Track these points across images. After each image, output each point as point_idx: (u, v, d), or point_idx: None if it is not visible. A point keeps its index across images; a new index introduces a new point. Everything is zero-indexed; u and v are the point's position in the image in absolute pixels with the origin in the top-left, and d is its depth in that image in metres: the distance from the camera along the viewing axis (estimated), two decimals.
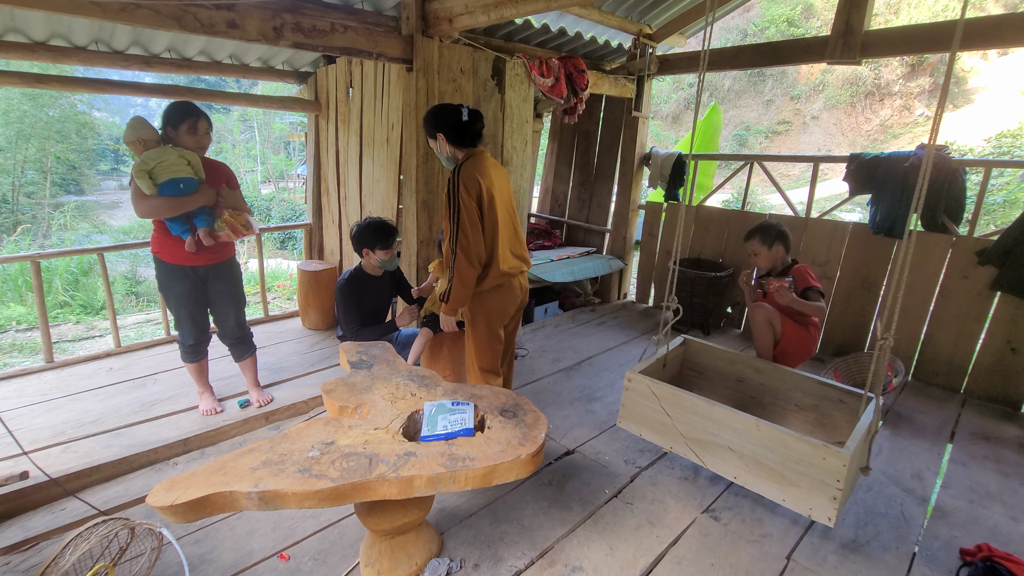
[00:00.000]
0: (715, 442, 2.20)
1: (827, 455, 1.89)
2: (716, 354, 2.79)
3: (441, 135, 2.30)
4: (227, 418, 2.88)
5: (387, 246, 2.83)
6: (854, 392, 2.39)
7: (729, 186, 12.42)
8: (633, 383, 2.42)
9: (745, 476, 2.15)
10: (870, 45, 3.37)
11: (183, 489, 1.47)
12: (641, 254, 5.31)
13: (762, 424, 2.04)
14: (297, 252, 12.35)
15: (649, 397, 2.37)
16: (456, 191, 2.23)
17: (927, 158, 1.68)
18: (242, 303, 2.92)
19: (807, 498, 1.98)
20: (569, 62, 3.96)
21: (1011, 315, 3.32)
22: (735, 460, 2.16)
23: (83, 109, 16.79)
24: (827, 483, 1.91)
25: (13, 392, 3.13)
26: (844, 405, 2.43)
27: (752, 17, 19.16)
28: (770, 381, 2.66)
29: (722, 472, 2.22)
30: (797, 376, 2.57)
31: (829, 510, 1.93)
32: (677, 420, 2.30)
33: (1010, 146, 11.09)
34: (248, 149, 21.20)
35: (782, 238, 2.72)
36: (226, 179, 2.77)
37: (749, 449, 2.10)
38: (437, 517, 2.22)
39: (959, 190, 3.45)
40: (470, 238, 2.25)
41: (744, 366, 2.72)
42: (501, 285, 2.44)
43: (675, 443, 2.35)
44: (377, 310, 3.11)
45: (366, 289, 3.00)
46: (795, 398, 2.59)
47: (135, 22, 2.24)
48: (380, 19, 3.03)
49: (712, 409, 2.18)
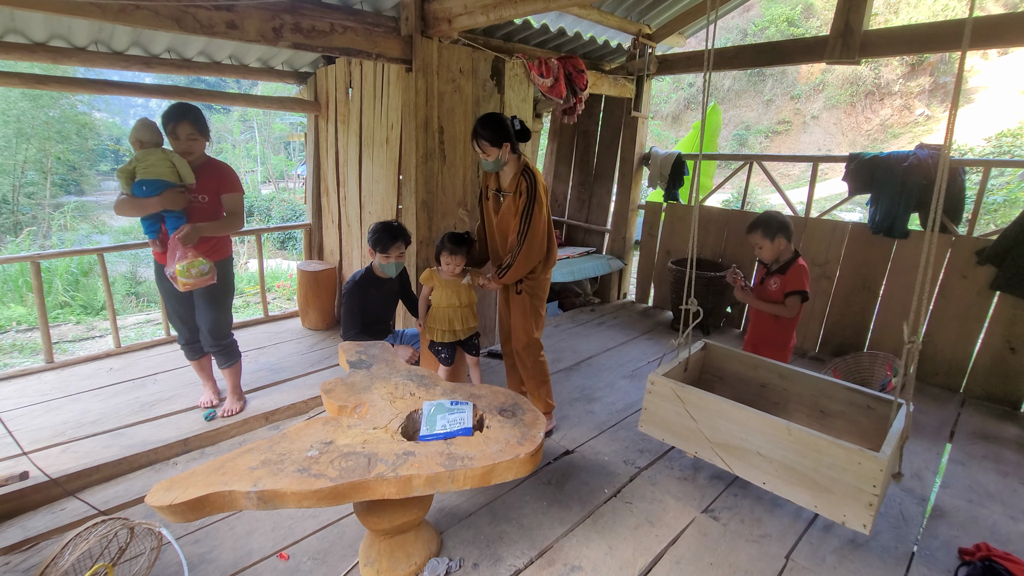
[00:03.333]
0: (743, 447, 2.12)
1: (863, 460, 1.82)
2: (738, 359, 2.71)
3: (507, 144, 2.50)
4: (225, 419, 2.88)
5: (384, 250, 2.79)
6: (883, 398, 2.32)
7: (729, 186, 12.42)
8: (656, 386, 2.34)
9: (775, 482, 2.06)
10: (869, 45, 3.37)
11: (182, 489, 1.48)
12: (641, 254, 5.31)
13: (794, 428, 1.97)
14: (297, 252, 12.35)
15: (673, 400, 2.29)
16: (535, 188, 2.51)
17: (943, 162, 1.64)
18: (222, 311, 2.80)
19: (841, 505, 1.90)
20: (568, 62, 3.96)
21: (1010, 315, 3.32)
22: (764, 465, 2.07)
23: (83, 110, 16.79)
24: (863, 489, 1.83)
25: (13, 392, 3.13)
26: (872, 411, 2.35)
27: (752, 17, 19.15)
28: (794, 387, 2.58)
29: (750, 478, 2.14)
30: (823, 382, 2.49)
31: (864, 517, 1.85)
32: (703, 424, 2.22)
33: (1010, 145, 11.08)
34: (248, 149, 21.21)
35: (784, 230, 2.74)
36: (218, 184, 2.67)
37: (779, 454, 2.02)
38: (436, 516, 2.23)
39: (959, 189, 3.45)
40: (541, 230, 2.56)
41: (767, 371, 2.64)
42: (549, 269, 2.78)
43: (700, 448, 2.27)
44: (382, 315, 3.06)
45: (373, 292, 2.94)
46: (821, 404, 2.50)
47: (135, 23, 2.24)
48: (379, 19, 3.03)
49: (741, 413, 2.10)
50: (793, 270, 2.76)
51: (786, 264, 2.78)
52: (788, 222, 2.78)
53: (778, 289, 2.79)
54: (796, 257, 2.79)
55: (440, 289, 2.77)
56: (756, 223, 2.79)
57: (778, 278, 2.80)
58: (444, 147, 3.37)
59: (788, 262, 2.78)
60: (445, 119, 3.33)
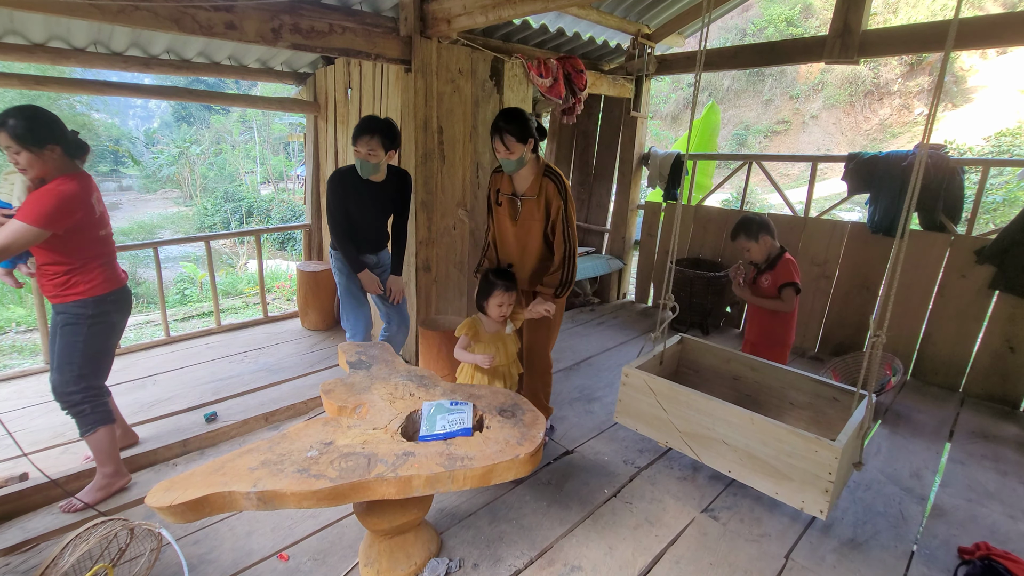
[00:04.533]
0: (710, 436, 2.21)
1: (819, 448, 1.91)
2: (713, 352, 2.81)
3: (532, 140, 2.35)
4: (225, 419, 2.88)
5: (353, 142, 2.52)
6: (848, 390, 2.41)
7: (728, 186, 12.41)
8: (630, 378, 2.43)
9: (739, 470, 2.16)
10: (868, 45, 3.38)
11: (182, 489, 1.48)
12: (640, 254, 5.31)
13: (756, 418, 2.06)
14: (296, 253, 12.36)
15: (645, 392, 2.38)
16: (565, 188, 2.40)
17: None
18: (61, 362, 2.18)
19: (800, 491, 1.99)
20: (567, 62, 3.96)
21: (1009, 314, 3.32)
22: (730, 454, 2.17)
23: (82, 110, 16.81)
24: (819, 476, 1.93)
25: (13, 393, 3.13)
26: (838, 403, 2.45)
27: (751, 17, 19.16)
28: (765, 379, 2.67)
29: (717, 466, 2.23)
30: (792, 374, 2.58)
31: (821, 503, 1.94)
32: (673, 414, 2.31)
33: (1009, 145, 11.09)
34: (247, 150, 21.21)
35: (765, 228, 2.83)
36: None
37: (743, 443, 2.11)
38: (436, 517, 2.23)
39: (957, 189, 3.46)
40: (575, 232, 2.47)
41: (740, 364, 2.73)
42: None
43: (671, 438, 2.36)
44: (371, 222, 2.82)
45: (355, 194, 2.70)
46: (790, 396, 2.60)
47: (133, 24, 2.24)
48: (378, 20, 3.03)
49: (707, 403, 2.19)
50: (781, 264, 2.83)
51: (774, 260, 2.86)
52: (767, 220, 2.87)
53: (770, 285, 2.85)
54: (782, 252, 2.87)
55: (483, 346, 2.38)
56: (737, 229, 2.89)
57: (768, 275, 2.87)
58: (443, 147, 3.37)
59: (776, 257, 2.86)
60: (444, 119, 3.33)
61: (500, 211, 2.55)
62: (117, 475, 2.35)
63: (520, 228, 2.50)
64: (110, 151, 20.90)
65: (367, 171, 2.66)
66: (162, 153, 20.67)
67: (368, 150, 2.58)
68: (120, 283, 2.32)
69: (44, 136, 1.99)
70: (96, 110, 19.83)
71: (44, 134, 1.99)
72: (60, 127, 2.05)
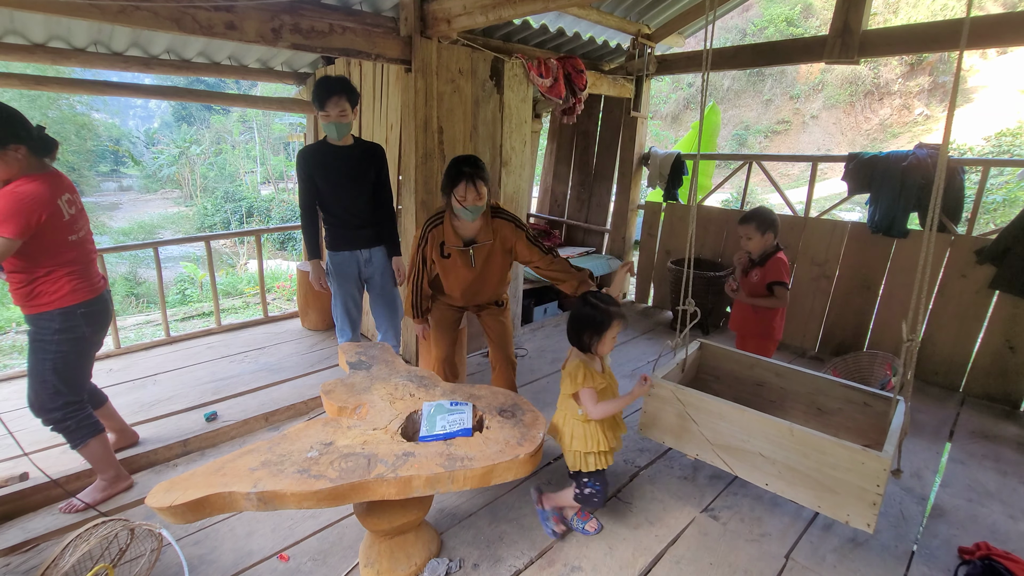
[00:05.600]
0: (745, 448, 2.10)
1: (867, 459, 1.82)
2: (734, 358, 2.71)
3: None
4: (225, 419, 2.88)
5: (321, 106, 2.45)
6: (880, 394, 2.32)
7: (728, 185, 12.40)
8: (656, 389, 2.32)
9: (777, 483, 2.05)
10: (868, 45, 3.37)
11: (182, 490, 1.48)
12: (640, 254, 5.31)
13: (796, 429, 1.96)
14: (296, 253, 12.37)
15: (673, 403, 2.27)
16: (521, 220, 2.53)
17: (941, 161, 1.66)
18: (33, 380, 2.12)
19: (844, 504, 1.91)
20: (568, 62, 3.96)
21: (1010, 314, 3.32)
22: (767, 467, 2.06)
23: (82, 110, 16.81)
24: (867, 488, 1.84)
25: (13, 393, 3.14)
26: (869, 408, 2.36)
27: (751, 17, 19.16)
28: (791, 385, 2.57)
29: (753, 479, 2.13)
30: (820, 379, 2.49)
31: (868, 516, 1.85)
32: (704, 426, 2.20)
33: (1009, 145, 11.09)
34: (248, 150, 21.21)
35: (774, 226, 2.87)
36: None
37: (782, 455, 2.01)
38: (436, 517, 2.23)
39: (958, 189, 3.45)
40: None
41: (764, 370, 2.64)
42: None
43: (702, 450, 2.25)
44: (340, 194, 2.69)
45: (321, 163, 2.63)
46: (818, 401, 2.50)
47: (134, 24, 2.24)
48: (378, 20, 3.03)
49: (742, 415, 2.08)
50: (772, 262, 2.86)
51: (766, 256, 2.88)
52: (777, 220, 2.91)
53: (759, 281, 2.88)
54: (777, 250, 2.89)
55: (605, 390, 2.03)
56: (751, 216, 2.90)
57: (759, 270, 2.89)
58: (443, 147, 3.37)
59: (769, 254, 2.88)
60: (444, 119, 3.33)
61: (449, 263, 2.43)
62: (118, 479, 2.33)
63: (480, 273, 2.48)
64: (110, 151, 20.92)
65: (343, 132, 2.64)
66: (162, 153, 20.69)
67: (339, 111, 2.56)
68: (94, 293, 2.15)
69: (5, 136, 1.83)
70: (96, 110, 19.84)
71: (4, 134, 1.83)
72: (23, 124, 1.90)
